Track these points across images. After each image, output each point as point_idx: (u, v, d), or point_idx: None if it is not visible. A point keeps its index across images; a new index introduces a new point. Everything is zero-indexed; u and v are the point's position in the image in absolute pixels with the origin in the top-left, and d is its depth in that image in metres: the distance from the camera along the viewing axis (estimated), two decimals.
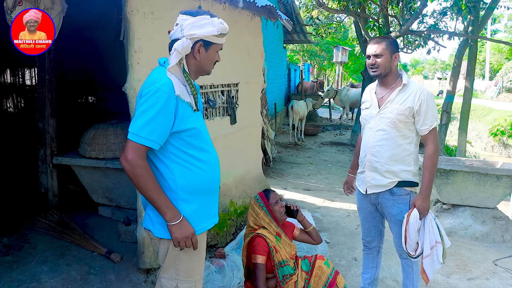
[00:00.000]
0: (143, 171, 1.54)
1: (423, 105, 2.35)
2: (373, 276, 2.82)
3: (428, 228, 2.38)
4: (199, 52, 1.67)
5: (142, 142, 1.53)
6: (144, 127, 1.54)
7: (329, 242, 4.02)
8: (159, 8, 2.83)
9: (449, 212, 4.44)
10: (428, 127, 2.38)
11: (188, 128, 1.64)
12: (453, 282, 3.37)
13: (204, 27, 1.62)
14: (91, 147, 3.40)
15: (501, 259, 3.80)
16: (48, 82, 3.51)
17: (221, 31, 1.66)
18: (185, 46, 1.62)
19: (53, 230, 3.29)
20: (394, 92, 2.43)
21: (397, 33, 8.00)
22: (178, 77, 1.65)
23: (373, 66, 2.41)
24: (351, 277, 3.37)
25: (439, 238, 2.39)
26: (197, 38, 1.63)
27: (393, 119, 2.39)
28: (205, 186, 1.71)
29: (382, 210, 2.57)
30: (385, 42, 2.38)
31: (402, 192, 2.44)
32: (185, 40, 1.62)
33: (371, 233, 2.74)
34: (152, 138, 1.54)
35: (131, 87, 2.63)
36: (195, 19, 1.63)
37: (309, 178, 7.11)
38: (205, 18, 1.63)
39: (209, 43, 1.67)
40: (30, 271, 2.76)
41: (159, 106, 1.54)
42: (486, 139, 15.69)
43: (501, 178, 4.11)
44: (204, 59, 1.70)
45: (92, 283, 2.72)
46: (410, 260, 2.62)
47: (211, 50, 1.70)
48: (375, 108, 2.49)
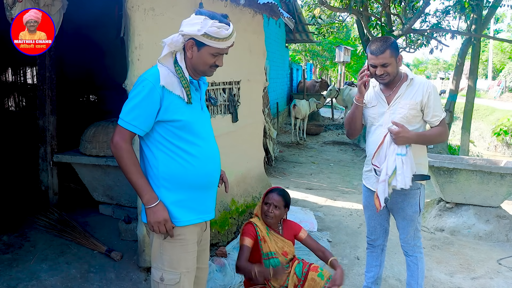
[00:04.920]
0: (124, 153, 1.63)
1: (431, 97, 2.37)
2: (376, 275, 2.79)
3: (388, 155, 2.36)
4: (192, 50, 1.68)
5: (126, 126, 1.63)
6: (129, 112, 1.64)
7: (331, 241, 3.99)
8: (160, 5, 2.80)
9: (452, 211, 4.40)
10: (438, 118, 2.40)
11: (175, 119, 1.67)
12: (456, 281, 3.33)
13: (192, 25, 1.63)
14: (92, 145, 3.38)
15: (505, 258, 3.77)
16: (48, 80, 3.50)
17: (209, 33, 1.62)
18: (174, 40, 1.66)
19: (53, 228, 3.27)
20: (403, 88, 2.41)
21: (400, 32, 7.95)
22: (170, 68, 1.68)
23: (383, 76, 2.37)
24: (353, 276, 3.34)
25: (391, 172, 2.33)
26: (186, 35, 1.64)
27: (406, 114, 2.38)
28: (192, 179, 1.72)
29: (391, 206, 2.56)
30: (388, 50, 2.30)
31: (414, 186, 2.41)
32: (177, 34, 1.66)
33: (376, 231, 2.71)
34: (136, 123, 1.63)
35: (131, 83, 2.60)
36: (192, 17, 1.65)
37: (311, 177, 7.09)
38: (200, 18, 1.63)
39: (201, 44, 1.66)
40: (30, 269, 2.74)
41: (143, 94, 1.62)
42: (489, 139, 15.63)
43: (505, 176, 4.07)
44: (196, 58, 1.70)
45: (92, 281, 2.70)
46: (415, 257, 2.60)
47: (204, 51, 1.68)
48: (383, 106, 2.46)
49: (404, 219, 2.54)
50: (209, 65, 1.73)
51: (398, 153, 2.32)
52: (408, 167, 2.31)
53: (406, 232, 2.57)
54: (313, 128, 11.74)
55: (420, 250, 2.62)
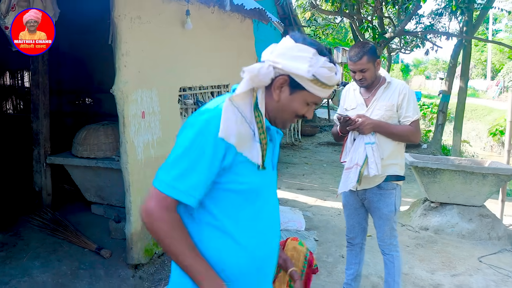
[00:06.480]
0: (169, 226, 1.13)
1: (405, 98, 2.50)
2: (355, 272, 2.90)
3: (355, 147, 2.52)
4: (281, 90, 1.20)
5: (172, 194, 1.14)
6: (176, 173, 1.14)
7: (318, 240, 4.10)
8: (146, 13, 2.93)
9: (437, 210, 4.51)
10: (409, 119, 2.51)
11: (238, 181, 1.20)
12: (437, 278, 3.44)
13: (297, 60, 1.15)
14: (83, 147, 3.51)
15: (486, 256, 3.87)
16: (41, 84, 3.62)
17: (318, 76, 1.15)
18: (262, 73, 1.15)
19: (46, 228, 3.41)
20: (380, 91, 2.54)
21: (391, 34, 8.07)
22: (243, 113, 1.15)
23: (362, 80, 2.50)
24: (337, 273, 3.45)
25: (362, 162, 2.46)
26: (282, 70, 1.17)
27: (383, 115, 2.50)
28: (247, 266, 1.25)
29: (368, 205, 2.67)
30: (366, 56, 2.41)
31: (389, 186, 2.55)
32: (267, 66, 1.17)
33: (355, 229, 2.83)
34: (187, 189, 1.14)
35: (118, 89, 2.73)
36: (294, 46, 1.17)
37: (304, 177, 7.19)
38: (309, 51, 1.15)
39: (298, 86, 1.18)
40: (22, 266, 2.87)
41: (199, 148, 1.12)
42: (485, 139, 15.71)
43: (487, 176, 4.18)
44: (284, 103, 1.21)
45: (82, 278, 2.83)
46: (392, 255, 2.72)
47: (298, 96, 1.20)
48: (362, 108, 2.58)
49: (380, 218, 2.65)
50: (297, 114, 1.25)
51: (367, 142, 2.46)
52: (378, 154, 2.45)
53: (382, 231, 2.69)
54: (308, 129, 11.85)
55: (396, 248, 2.72)
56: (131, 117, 2.82)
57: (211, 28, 3.81)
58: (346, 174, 2.58)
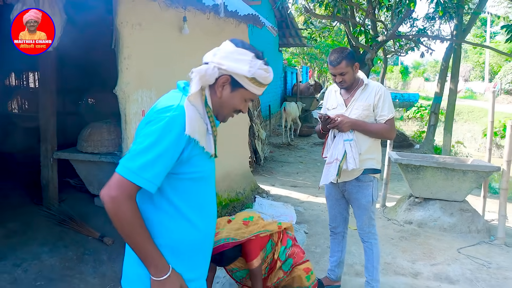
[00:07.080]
0: (129, 213, 1.24)
1: (380, 99, 2.75)
2: (338, 259, 3.16)
3: (335, 144, 2.77)
4: (223, 88, 1.38)
5: (134, 180, 1.25)
6: (142, 162, 1.27)
7: (307, 233, 4.36)
8: (146, 20, 3.19)
9: (420, 205, 4.76)
10: (385, 117, 2.75)
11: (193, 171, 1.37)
12: (417, 267, 3.68)
13: (238, 62, 1.34)
14: (87, 143, 3.77)
15: (465, 248, 4.12)
16: (49, 83, 3.88)
17: (256, 76, 1.35)
18: (209, 73, 1.33)
19: (53, 218, 3.66)
20: (358, 92, 2.79)
21: (384, 37, 8.33)
22: (199, 109, 1.32)
23: (341, 83, 2.77)
24: (324, 262, 3.70)
25: (341, 157, 2.71)
26: (226, 71, 1.35)
27: (360, 114, 2.75)
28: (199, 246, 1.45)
29: (348, 196, 2.92)
30: (344, 61, 2.67)
31: (366, 179, 2.81)
32: (212, 67, 1.34)
33: (336, 219, 3.09)
34: (148, 176, 1.27)
35: (120, 89, 2.99)
36: (235, 50, 1.35)
37: (297, 175, 7.44)
38: (247, 54, 1.35)
39: (238, 85, 1.37)
40: (32, 252, 3.14)
41: (166, 141, 1.26)
42: (480, 140, 15.96)
43: (467, 173, 4.43)
44: (225, 100, 1.39)
45: (87, 262, 3.09)
46: (370, 243, 2.96)
47: (237, 94, 1.39)
48: (342, 108, 2.84)
49: (359, 208, 2.90)
50: (235, 109, 1.44)
51: (346, 139, 2.72)
52: (356, 150, 2.70)
53: (361, 220, 2.94)
54: (305, 130, 12.11)
55: (374, 236, 2.96)
56: (132, 115, 3.08)
57: (207, 33, 4.07)
58: (327, 168, 2.84)
